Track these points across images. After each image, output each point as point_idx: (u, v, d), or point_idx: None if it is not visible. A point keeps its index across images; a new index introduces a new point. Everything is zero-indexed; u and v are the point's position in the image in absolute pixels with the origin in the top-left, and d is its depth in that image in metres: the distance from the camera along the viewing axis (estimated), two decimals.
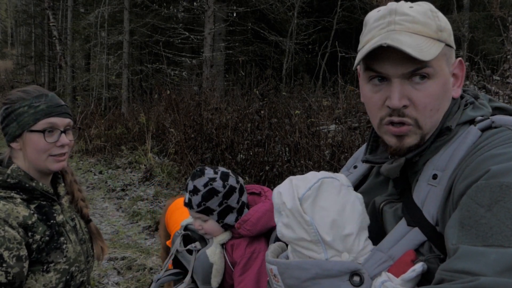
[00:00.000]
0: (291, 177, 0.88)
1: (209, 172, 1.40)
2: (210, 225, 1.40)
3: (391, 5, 0.87)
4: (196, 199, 1.36)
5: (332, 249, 0.80)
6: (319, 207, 0.82)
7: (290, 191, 0.84)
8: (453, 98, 0.89)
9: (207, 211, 1.37)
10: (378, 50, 0.82)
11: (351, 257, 0.80)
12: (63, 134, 1.42)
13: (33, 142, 1.37)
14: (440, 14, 0.88)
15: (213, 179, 1.37)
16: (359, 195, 0.86)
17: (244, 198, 1.43)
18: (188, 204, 1.39)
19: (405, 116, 0.84)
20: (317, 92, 9.34)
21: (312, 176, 0.86)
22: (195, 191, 1.37)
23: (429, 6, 0.88)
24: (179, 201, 2.71)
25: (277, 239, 1.33)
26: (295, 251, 0.86)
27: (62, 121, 1.42)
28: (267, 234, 1.41)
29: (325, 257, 0.80)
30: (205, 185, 1.36)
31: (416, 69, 0.81)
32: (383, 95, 0.85)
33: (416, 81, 0.82)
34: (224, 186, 1.37)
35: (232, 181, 1.40)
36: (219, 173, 1.40)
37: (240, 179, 1.45)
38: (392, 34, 0.82)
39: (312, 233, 0.80)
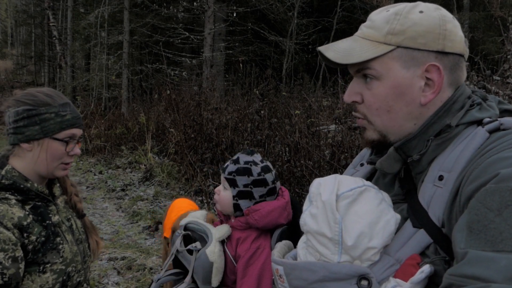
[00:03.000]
0: (337, 174, 0.89)
1: (257, 157, 1.49)
2: (226, 195, 1.44)
3: (374, 11, 0.95)
4: (232, 167, 1.44)
5: (347, 255, 0.79)
6: (354, 211, 0.81)
7: (330, 185, 0.84)
8: (422, 105, 0.87)
9: (232, 183, 1.43)
10: None
11: (363, 265, 0.79)
12: (76, 144, 1.45)
13: (53, 149, 1.39)
14: (410, 17, 0.85)
15: (255, 164, 1.45)
16: (398, 216, 0.84)
17: (269, 199, 1.46)
18: (224, 169, 1.47)
19: (356, 111, 0.94)
20: (317, 92, 9.34)
21: (358, 180, 0.87)
22: (235, 161, 1.46)
23: (403, 8, 0.87)
24: (176, 203, 2.74)
25: (280, 238, 1.34)
26: (308, 244, 0.85)
27: (79, 132, 1.46)
28: (273, 231, 1.42)
29: (337, 260, 0.79)
30: (246, 163, 1.44)
31: (358, 69, 0.90)
32: None
33: (367, 80, 0.90)
34: (259, 175, 1.43)
35: (269, 177, 1.45)
36: (264, 164, 1.48)
37: (278, 183, 1.49)
38: (341, 42, 0.92)
39: (336, 232, 0.79)
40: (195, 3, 13.35)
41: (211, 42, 10.75)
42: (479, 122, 0.86)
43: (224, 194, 1.45)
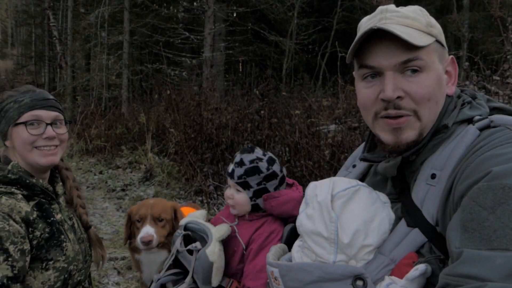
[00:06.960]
0: (332, 177, 0.89)
1: (258, 152, 1.47)
2: (242, 197, 1.44)
3: (382, 6, 0.90)
4: (239, 171, 1.43)
5: (343, 254, 0.79)
6: (349, 209, 0.81)
7: (326, 186, 0.85)
8: (448, 96, 0.90)
9: (245, 185, 1.43)
10: (370, 45, 0.84)
11: (358, 265, 0.79)
12: (49, 127, 1.41)
13: (18, 135, 1.39)
14: (430, 16, 0.90)
15: (260, 159, 1.44)
16: (392, 215, 0.84)
17: (283, 188, 1.47)
18: (230, 174, 1.45)
19: (402, 108, 0.84)
20: (317, 92, 9.34)
21: (353, 180, 0.88)
22: (240, 163, 1.43)
23: (418, 7, 0.91)
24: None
25: (290, 235, 1.33)
26: (304, 245, 0.85)
27: (47, 114, 1.42)
28: (286, 222, 1.43)
29: (333, 260, 0.79)
30: (251, 162, 1.43)
31: (408, 60, 0.82)
32: (376, 89, 0.86)
33: (409, 74, 0.84)
34: (267, 169, 1.43)
35: (276, 168, 1.45)
36: (267, 156, 1.47)
37: (284, 170, 1.50)
38: (383, 24, 0.84)
39: (332, 230, 0.79)
40: (195, 3, 13.34)
41: (211, 42, 10.74)
42: (470, 120, 0.86)
43: (239, 197, 1.44)
